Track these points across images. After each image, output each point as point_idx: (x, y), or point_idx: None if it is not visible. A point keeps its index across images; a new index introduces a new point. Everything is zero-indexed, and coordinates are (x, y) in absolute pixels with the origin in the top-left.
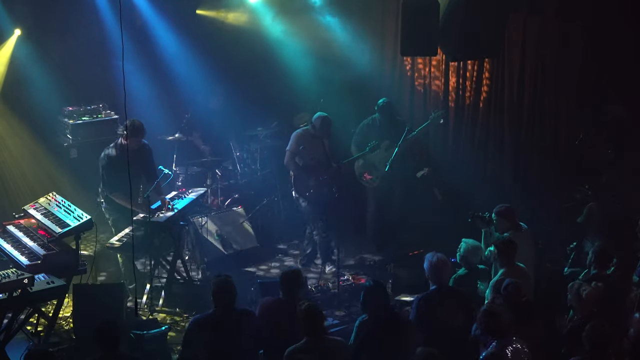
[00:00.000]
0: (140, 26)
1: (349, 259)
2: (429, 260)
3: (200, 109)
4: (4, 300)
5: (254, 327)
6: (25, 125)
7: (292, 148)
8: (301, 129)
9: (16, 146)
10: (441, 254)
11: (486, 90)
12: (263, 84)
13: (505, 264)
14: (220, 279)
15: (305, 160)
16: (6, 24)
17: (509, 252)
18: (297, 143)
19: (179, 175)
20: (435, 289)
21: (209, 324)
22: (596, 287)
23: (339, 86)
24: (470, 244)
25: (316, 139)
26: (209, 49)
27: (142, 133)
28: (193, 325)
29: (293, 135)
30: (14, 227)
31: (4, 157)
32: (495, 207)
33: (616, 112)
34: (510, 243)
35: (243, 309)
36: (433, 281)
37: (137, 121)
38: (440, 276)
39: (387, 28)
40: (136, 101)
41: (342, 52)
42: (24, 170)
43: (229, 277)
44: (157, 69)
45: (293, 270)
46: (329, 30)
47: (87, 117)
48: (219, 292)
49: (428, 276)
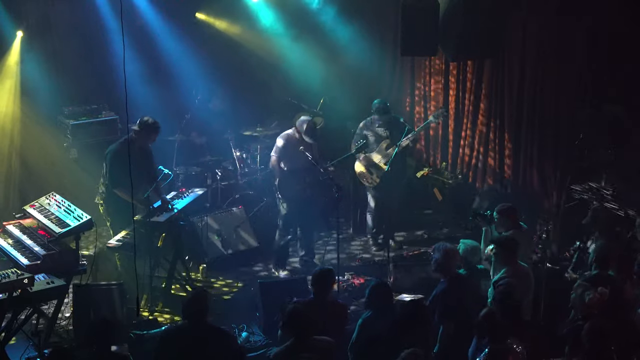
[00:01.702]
0: (141, 26)
1: (349, 259)
2: (442, 249)
3: (200, 109)
4: (4, 300)
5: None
6: (25, 125)
7: (278, 152)
8: (286, 133)
9: (16, 146)
10: (449, 244)
11: (486, 90)
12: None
13: (507, 262)
14: (195, 291)
15: (291, 164)
16: (8, 26)
17: (511, 250)
18: (283, 146)
19: (179, 175)
20: (449, 279)
21: (177, 337)
22: (601, 292)
23: (339, 86)
24: (469, 245)
25: (302, 142)
26: (209, 48)
27: (158, 133)
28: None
29: (279, 138)
30: (14, 227)
31: (4, 157)
32: (498, 206)
33: (616, 112)
34: (512, 241)
35: (217, 327)
36: (444, 272)
37: (157, 121)
38: (451, 265)
39: (387, 28)
40: (136, 101)
41: (342, 52)
42: (24, 170)
43: (205, 291)
44: (157, 69)
45: (328, 269)
46: (330, 31)
47: (87, 117)
48: (190, 304)
49: (438, 267)
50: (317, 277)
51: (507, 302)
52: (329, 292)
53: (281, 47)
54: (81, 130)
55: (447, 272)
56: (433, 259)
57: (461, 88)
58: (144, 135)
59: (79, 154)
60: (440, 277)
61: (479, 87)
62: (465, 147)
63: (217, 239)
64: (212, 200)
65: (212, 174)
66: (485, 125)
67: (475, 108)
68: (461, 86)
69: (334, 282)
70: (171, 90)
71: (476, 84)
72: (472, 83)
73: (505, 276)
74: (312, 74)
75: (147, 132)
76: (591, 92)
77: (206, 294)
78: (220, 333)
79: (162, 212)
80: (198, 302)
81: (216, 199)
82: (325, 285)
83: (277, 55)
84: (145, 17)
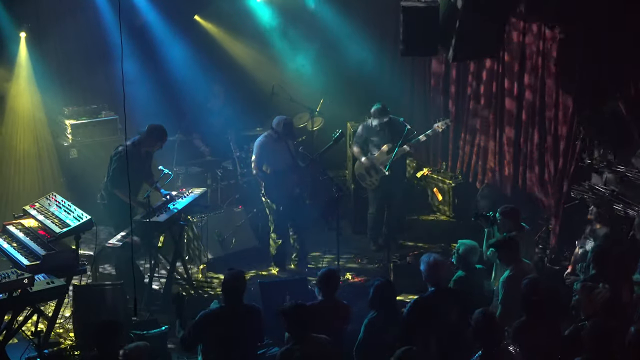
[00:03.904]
0: (140, 26)
1: (349, 259)
2: (426, 261)
3: (200, 109)
4: (4, 300)
5: (259, 323)
6: (25, 125)
7: (258, 154)
8: (263, 136)
9: (16, 146)
10: (437, 255)
11: (486, 91)
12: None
13: (511, 261)
14: (232, 272)
15: (275, 164)
16: (10, 28)
17: (512, 249)
18: (261, 151)
19: (179, 175)
20: (434, 290)
21: (220, 319)
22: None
23: (339, 86)
24: (467, 244)
25: (280, 143)
26: (209, 48)
27: (164, 141)
28: (203, 319)
29: (256, 144)
30: (14, 227)
31: (4, 157)
32: (500, 207)
33: (616, 111)
34: (511, 240)
35: (250, 305)
36: (431, 283)
37: (165, 130)
38: (438, 277)
39: (387, 28)
40: (136, 101)
41: (342, 52)
42: (24, 170)
43: (242, 271)
44: (157, 69)
45: (334, 269)
46: (330, 31)
47: (87, 117)
48: (229, 284)
49: (425, 278)
50: (324, 277)
51: (530, 297)
52: (336, 291)
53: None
54: (81, 130)
55: (434, 283)
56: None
57: (461, 88)
58: (151, 141)
59: (79, 154)
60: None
61: (479, 88)
62: (465, 147)
63: (217, 239)
64: (212, 200)
65: (212, 174)
66: (485, 126)
67: (475, 108)
68: (461, 86)
69: (339, 281)
70: (171, 89)
71: (476, 84)
72: (472, 83)
73: (512, 274)
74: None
75: (154, 138)
76: (591, 92)
77: (243, 273)
78: (254, 310)
79: (162, 212)
80: (238, 280)
81: (216, 199)
82: (333, 285)
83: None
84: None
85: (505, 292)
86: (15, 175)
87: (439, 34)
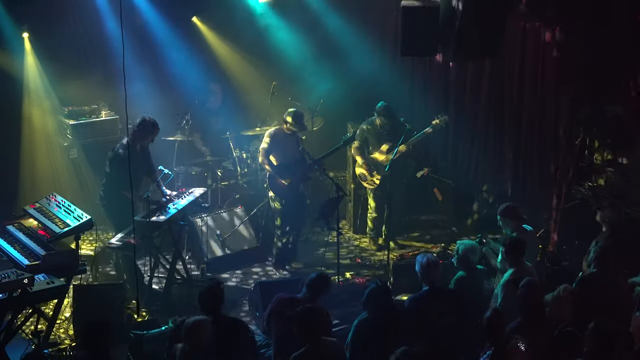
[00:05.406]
0: (141, 26)
1: (349, 259)
2: (420, 262)
3: (200, 109)
4: (4, 300)
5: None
6: (25, 125)
7: (268, 142)
8: (274, 128)
9: (16, 146)
10: (431, 255)
11: (486, 90)
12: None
13: (514, 264)
14: (210, 284)
15: (282, 156)
16: (11, 29)
17: (517, 251)
18: (271, 140)
19: (179, 175)
20: (428, 289)
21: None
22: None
23: (338, 86)
24: (467, 244)
25: (290, 137)
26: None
27: (156, 133)
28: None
29: (267, 133)
30: (14, 227)
31: (4, 157)
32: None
33: (616, 112)
34: (517, 242)
35: (234, 318)
36: (425, 282)
37: (155, 121)
38: (432, 277)
39: (387, 28)
40: (136, 101)
41: (342, 52)
42: (24, 170)
43: (220, 283)
44: (157, 69)
45: (326, 277)
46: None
47: (87, 117)
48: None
49: (420, 278)
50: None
51: (528, 300)
52: (320, 298)
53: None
54: (81, 130)
55: (428, 282)
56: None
57: (461, 88)
58: (143, 134)
59: (79, 154)
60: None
61: (479, 87)
62: (465, 147)
63: (217, 239)
64: (212, 200)
65: (212, 174)
66: (485, 125)
67: (475, 108)
68: (461, 86)
69: (328, 290)
70: (171, 89)
71: (476, 84)
72: (472, 83)
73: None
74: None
75: (145, 132)
76: (591, 92)
77: (220, 285)
78: (236, 323)
79: (162, 212)
80: (214, 295)
81: (216, 199)
82: (319, 291)
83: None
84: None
85: (505, 295)
86: (16, 174)
87: (439, 34)
